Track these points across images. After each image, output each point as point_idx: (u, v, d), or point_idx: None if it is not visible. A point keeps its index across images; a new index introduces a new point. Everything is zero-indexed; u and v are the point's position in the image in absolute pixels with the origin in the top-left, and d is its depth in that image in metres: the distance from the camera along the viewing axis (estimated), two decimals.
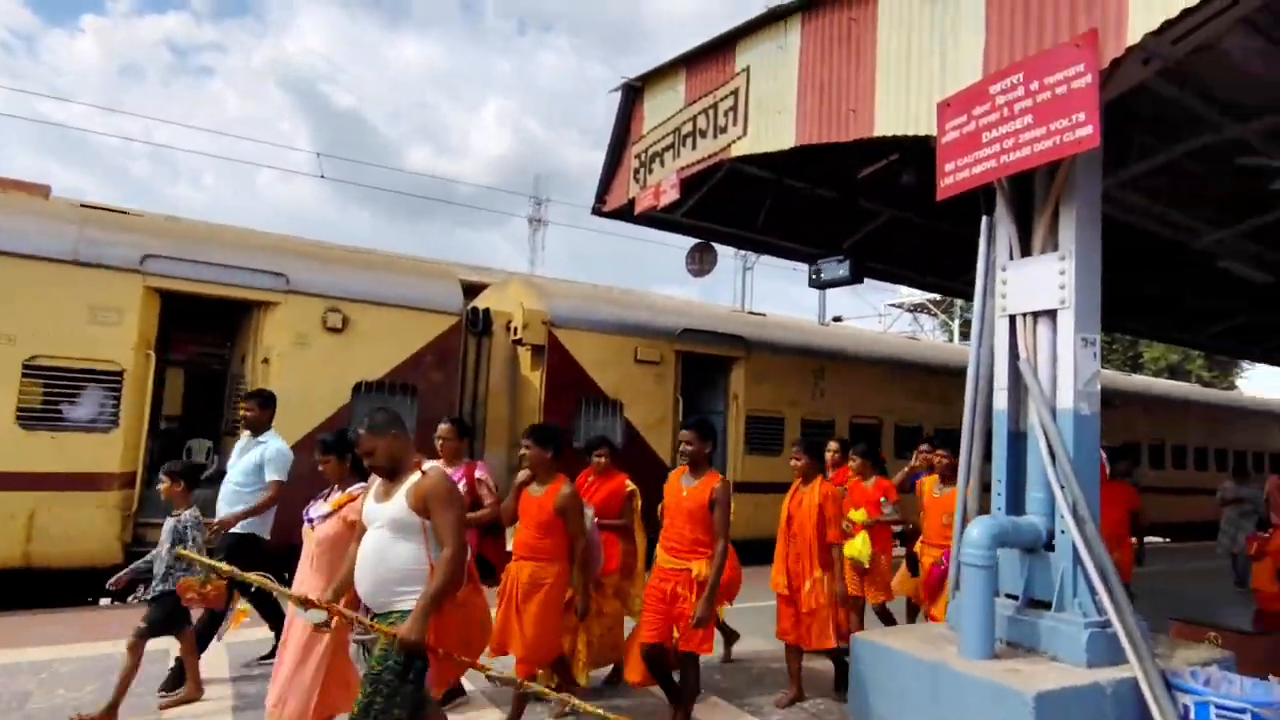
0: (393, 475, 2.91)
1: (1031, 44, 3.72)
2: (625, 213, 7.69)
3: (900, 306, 31.87)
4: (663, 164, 6.89)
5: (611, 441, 5.05)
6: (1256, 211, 6.93)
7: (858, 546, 5.30)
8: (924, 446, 6.11)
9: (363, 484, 3.46)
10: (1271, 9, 3.95)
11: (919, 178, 6.34)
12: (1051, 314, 3.69)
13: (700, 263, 8.60)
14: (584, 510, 4.15)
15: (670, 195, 6.65)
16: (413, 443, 3.04)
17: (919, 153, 5.75)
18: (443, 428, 4.62)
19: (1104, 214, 3.87)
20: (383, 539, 2.85)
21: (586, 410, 8.99)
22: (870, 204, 7.81)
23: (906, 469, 6.31)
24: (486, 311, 8.82)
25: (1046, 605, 3.62)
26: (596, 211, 8.04)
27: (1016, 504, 3.85)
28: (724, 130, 6.08)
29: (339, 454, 3.77)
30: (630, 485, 4.88)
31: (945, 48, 4.14)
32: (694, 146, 6.46)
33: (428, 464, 2.94)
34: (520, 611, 3.86)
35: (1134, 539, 6.12)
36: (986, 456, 4.04)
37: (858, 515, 5.44)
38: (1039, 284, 3.73)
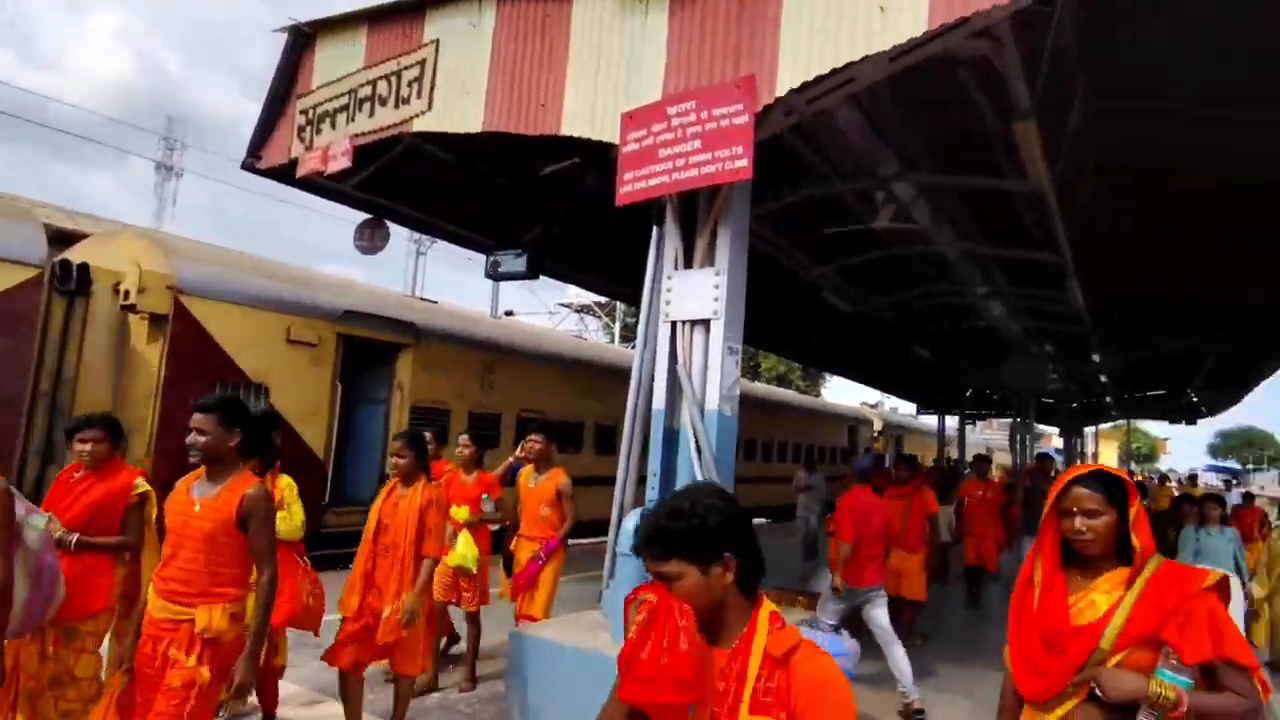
0: None
1: (704, 76, 4.08)
2: (286, 173, 6.75)
3: (569, 306, 33.64)
4: (334, 126, 6.19)
5: (114, 421, 3.58)
6: (841, 255, 8.66)
7: (461, 552, 4.83)
8: (533, 437, 5.42)
9: None
10: (870, 92, 4.93)
11: (599, 182, 6.64)
12: (705, 323, 4.09)
13: (371, 240, 7.93)
14: (15, 522, 2.74)
15: (341, 162, 5.99)
16: None
17: (601, 158, 6.01)
18: None
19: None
20: None
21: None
22: (551, 202, 7.98)
23: (509, 460, 5.86)
24: (84, 267, 7.05)
25: None
26: (248, 167, 6.92)
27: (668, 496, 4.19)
28: (406, 101, 5.66)
29: None
30: (142, 486, 3.52)
31: (632, 62, 4.36)
32: (371, 113, 5.90)
33: None
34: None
35: None
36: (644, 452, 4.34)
37: (460, 513, 4.91)
38: (697, 295, 4.10)
